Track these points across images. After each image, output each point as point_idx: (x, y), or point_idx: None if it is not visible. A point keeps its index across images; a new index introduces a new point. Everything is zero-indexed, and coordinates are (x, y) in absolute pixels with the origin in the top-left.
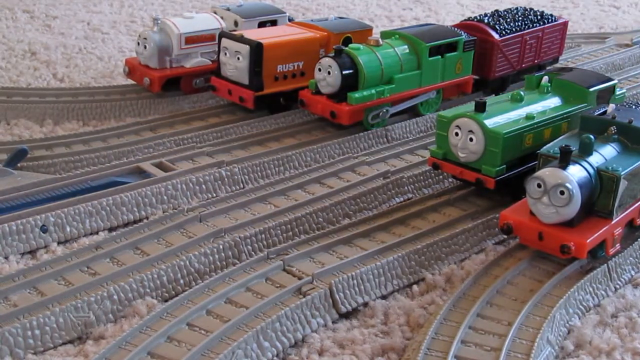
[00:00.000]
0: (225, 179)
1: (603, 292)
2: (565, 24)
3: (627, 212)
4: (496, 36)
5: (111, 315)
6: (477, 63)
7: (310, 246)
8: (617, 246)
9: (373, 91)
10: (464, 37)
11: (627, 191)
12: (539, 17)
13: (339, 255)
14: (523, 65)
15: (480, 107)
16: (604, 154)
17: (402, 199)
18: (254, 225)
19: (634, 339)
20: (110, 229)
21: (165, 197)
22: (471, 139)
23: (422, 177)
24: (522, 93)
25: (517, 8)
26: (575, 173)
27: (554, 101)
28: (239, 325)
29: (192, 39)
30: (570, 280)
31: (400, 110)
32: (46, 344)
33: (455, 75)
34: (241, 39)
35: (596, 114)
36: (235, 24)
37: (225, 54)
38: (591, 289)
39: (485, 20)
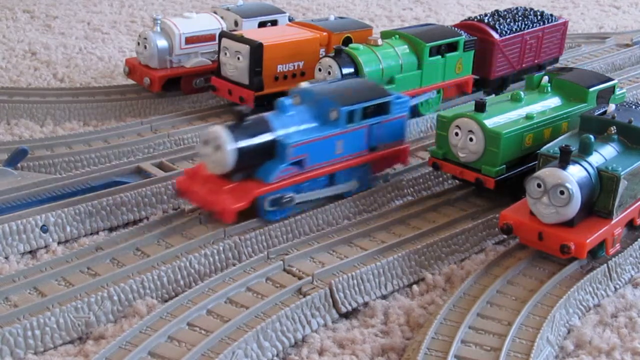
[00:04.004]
0: None
1: (603, 292)
2: (565, 24)
3: (627, 212)
4: (496, 36)
5: (111, 315)
6: (477, 63)
7: (311, 246)
8: (617, 246)
9: None
10: (464, 37)
11: (627, 191)
12: (539, 17)
13: (339, 255)
14: (523, 65)
15: (480, 107)
16: (604, 154)
17: (401, 202)
18: (254, 226)
19: (634, 338)
20: (111, 229)
21: (165, 197)
22: (471, 139)
23: (421, 180)
24: (522, 93)
25: (517, 8)
26: (575, 173)
27: (554, 101)
28: (239, 325)
29: (192, 39)
30: (570, 280)
31: None
32: (46, 344)
33: (456, 75)
34: (241, 39)
35: (596, 114)
36: (236, 24)
37: (226, 54)
38: (591, 289)
39: (486, 20)
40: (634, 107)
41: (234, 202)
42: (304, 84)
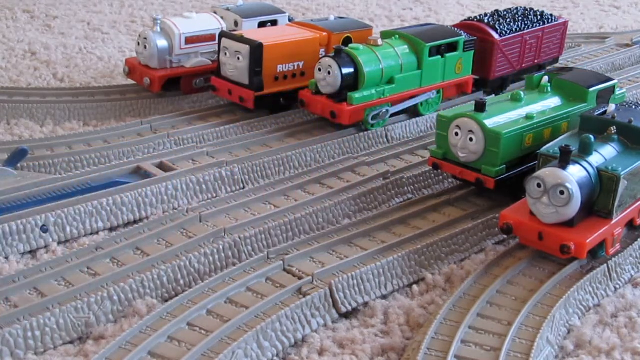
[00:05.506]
0: (226, 179)
1: (603, 292)
2: (565, 24)
3: (627, 212)
4: (496, 36)
5: (111, 315)
6: (477, 63)
7: (311, 246)
8: (617, 246)
9: (373, 91)
10: (464, 37)
11: (627, 191)
12: (539, 17)
13: (339, 255)
14: (523, 65)
15: (480, 107)
16: (604, 154)
17: (402, 200)
18: (254, 225)
19: (634, 339)
20: (111, 229)
21: (165, 197)
22: (471, 139)
23: (422, 178)
24: (522, 93)
25: (517, 8)
26: (575, 173)
27: (554, 101)
28: (239, 325)
29: (192, 39)
30: (570, 280)
31: (400, 110)
32: (47, 344)
33: (456, 75)
34: (241, 39)
35: (596, 114)
36: (235, 24)
37: (226, 54)
38: (591, 289)
39: (485, 20)
40: (634, 107)
41: None
42: None
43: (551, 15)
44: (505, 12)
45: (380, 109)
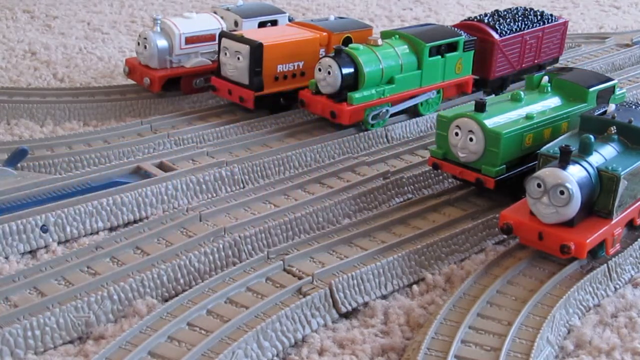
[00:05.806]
0: (226, 179)
1: (603, 292)
2: (565, 24)
3: (627, 212)
4: (496, 36)
5: (111, 315)
6: (477, 63)
7: (311, 246)
8: (617, 246)
9: (373, 91)
10: (464, 37)
11: (627, 191)
12: (539, 17)
13: (339, 255)
14: (523, 65)
15: (480, 107)
16: (604, 154)
17: (402, 200)
18: (254, 224)
19: (634, 339)
20: (111, 229)
21: (165, 197)
22: (471, 139)
23: (422, 178)
24: (522, 93)
25: (517, 8)
26: (575, 173)
27: (554, 101)
28: (239, 325)
29: (192, 39)
30: (570, 280)
31: (400, 110)
32: (46, 344)
33: (456, 75)
34: (241, 39)
35: (596, 114)
36: (236, 24)
37: (226, 54)
38: (591, 289)
39: (485, 20)
40: (634, 107)
41: None
42: None
43: (551, 15)
44: (505, 12)
45: (380, 109)
